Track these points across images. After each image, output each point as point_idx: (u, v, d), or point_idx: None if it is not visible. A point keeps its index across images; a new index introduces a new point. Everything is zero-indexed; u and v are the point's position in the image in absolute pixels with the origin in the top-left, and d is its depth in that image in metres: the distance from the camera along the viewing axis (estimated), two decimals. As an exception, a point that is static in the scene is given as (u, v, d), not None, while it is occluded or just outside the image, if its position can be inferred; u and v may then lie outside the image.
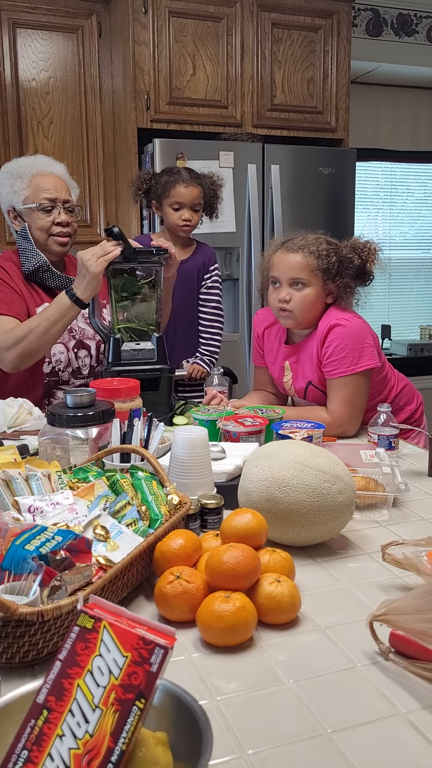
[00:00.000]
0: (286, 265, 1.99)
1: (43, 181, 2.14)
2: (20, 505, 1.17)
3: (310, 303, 1.99)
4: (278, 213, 3.60)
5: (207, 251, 2.72)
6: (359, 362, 1.94)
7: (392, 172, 5.30)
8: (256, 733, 0.80)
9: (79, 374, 2.24)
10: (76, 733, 0.64)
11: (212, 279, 2.70)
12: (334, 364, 1.95)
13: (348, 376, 1.94)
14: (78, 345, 2.24)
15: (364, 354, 1.95)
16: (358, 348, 1.94)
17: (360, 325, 1.98)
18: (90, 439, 1.42)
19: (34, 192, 2.13)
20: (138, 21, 3.34)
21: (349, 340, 1.94)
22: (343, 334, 1.95)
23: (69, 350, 2.21)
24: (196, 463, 1.36)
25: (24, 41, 3.51)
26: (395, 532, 1.36)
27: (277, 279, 2.02)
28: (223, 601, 0.97)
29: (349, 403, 1.95)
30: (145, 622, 0.70)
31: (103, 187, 3.77)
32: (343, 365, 1.94)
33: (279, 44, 3.64)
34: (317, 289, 1.99)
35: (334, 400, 1.96)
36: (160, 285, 2.05)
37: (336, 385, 1.97)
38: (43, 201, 2.12)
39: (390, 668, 0.91)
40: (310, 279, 1.98)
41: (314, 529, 1.23)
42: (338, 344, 1.95)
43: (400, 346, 4.98)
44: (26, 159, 2.23)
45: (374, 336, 2.03)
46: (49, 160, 2.24)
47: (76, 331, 2.24)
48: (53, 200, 2.13)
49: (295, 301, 1.98)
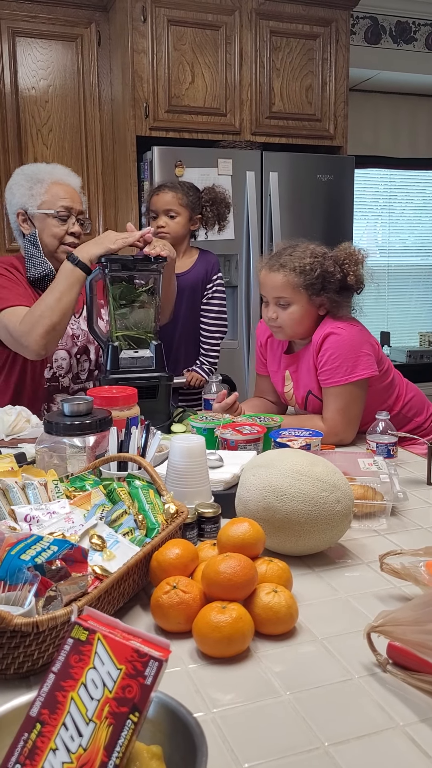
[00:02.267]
0: (270, 285, 1.99)
1: (61, 189, 2.14)
2: (16, 514, 1.16)
3: (297, 319, 1.99)
4: (277, 220, 3.60)
5: (209, 260, 2.68)
6: (354, 371, 1.93)
7: (391, 179, 5.31)
8: (252, 746, 0.79)
9: (78, 379, 2.24)
10: (69, 747, 0.63)
11: (214, 289, 2.66)
12: (329, 373, 1.95)
13: (342, 386, 1.94)
14: (81, 350, 2.24)
15: (360, 363, 1.94)
16: (353, 357, 1.94)
17: (355, 333, 1.97)
18: (87, 447, 1.41)
19: (52, 198, 2.12)
20: (137, 29, 3.36)
21: (344, 349, 1.94)
22: (337, 343, 1.94)
23: (71, 356, 2.21)
24: (193, 472, 1.36)
25: (23, 50, 3.53)
26: (393, 541, 1.35)
27: (264, 297, 2.04)
28: (219, 611, 0.97)
29: (343, 412, 1.95)
30: (140, 634, 0.69)
31: (102, 195, 3.78)
32: (337, 374, 1.94)
33: (278, 52, 3.65)
34: (302, 305, 1.98)
35: (329, 410, 1.96)
36: (158, 293, 2.05)
37: (331, 394, 1.96)
38: (61, 209, 2.12)
39: (388, 680, 0.91)
40: (293, 296, 1.97)
41: (312, 539, 1.23)
42: (332, 353, 1.94)
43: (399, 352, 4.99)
44: (46, 165, 2.21)
45: (374, 344, 2.01)
46: (68, 171, 2.23)
47: (78, 337, 2.23)
48: (69, 209, 2.13)
49: (282, 318, 2.00)
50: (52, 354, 2.15)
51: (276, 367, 2.18)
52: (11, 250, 3.65)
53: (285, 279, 1.97)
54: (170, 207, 2.49)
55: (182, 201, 2.51)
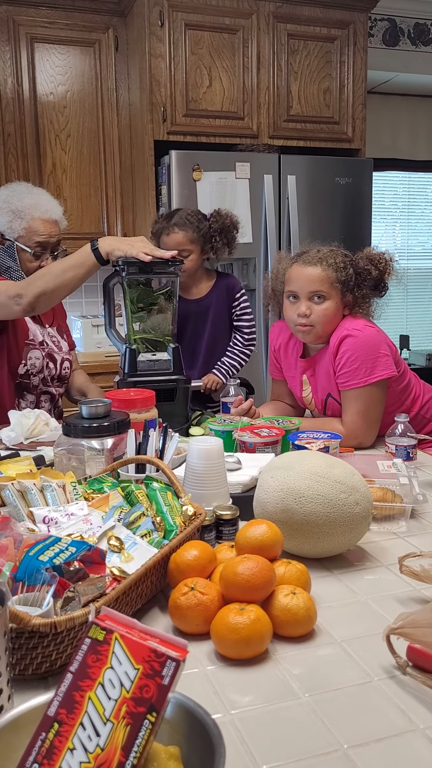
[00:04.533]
0: (305, 279, 1.96)
1: (40, 225, 2.20)
2: (35, 515, 1.17)
3: (330, 316, 1.97)
4: (295, 223, 3.60)
5: (228, 283, 2.66)
6: (373, 372, 1.92)
7: (410, 181, 5.28)
8: (271, 749, 0.79)
9: (46, 382, 2.29)
10: (87, 747, 0.63)
11: (240, 307, 2.66)
12: (348, 376, 1.94)
13: (361, 388, 1.92)
14: (47, 356, 2.29)
15: (379, 364, 1.92)
16: (372, 358, 1.92)
17: (373, 334, 1.96)
18: (105, 449, 1.41)
19: (29, 235, 2.19)
20: (154, 34, 3.37)
21: (362, 350, 1.92)
22: (355, 344, 1.93)
23: (43, 358, 2.27)
24: (211, 474, 1.35)
25: (42, 56, 3.55)
26: (413, 543, 1.34)
27: (295, 293, 1.99)
28: (237, 613, 0.96)
29: (363, 414, 1.93)
30: (157, 634, 0.69)
31: (120, 199, 3.80)
32: (356, 376, 1.92)
33: (295, 55, 3.65)
34: (336, 302, 1.97)
35: (349, 412, 1.94)
36: (175, 295, 2.06)
37: (350, 396, 1.95)
38: (36, 247, 2.20)
39: (408, 682, 0.90)
40: (330, 292, 1.96)
41: (330, 541, 1.22)
42: (351, 355, 1.93)
43: (418, 356, 4.95)
44: (30, 197, 2.23)
45: (391, 344, 2.00)
46: (50, 202, 2.27)
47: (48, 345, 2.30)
48: (45, 247, 2.21)
49: (316, 314, 1.96)
50: (27, 352, 2.22)
51: (293, 373, 2.17)
52: None
53: (324, 273, 1.95)
54: (182, 247, 2.47)
55: (193, 238, 2.50)
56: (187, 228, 2.49)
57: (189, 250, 2.49)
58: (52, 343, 2.32)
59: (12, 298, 2.00)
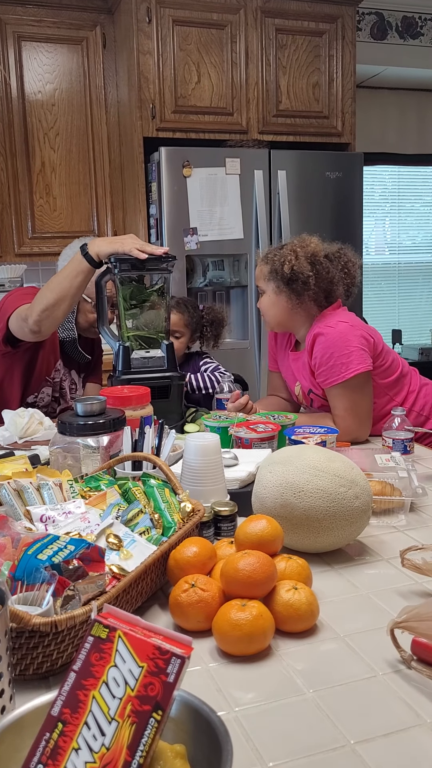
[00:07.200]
0: (256, 276, 2.14)
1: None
2: (32, 514, 1.15)
3: (265, 307, 2.08)
4: (285, 219, 3.59)
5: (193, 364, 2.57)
6: (348, 368, 1.91)
7: (400, 175, 5.28)
8: (277, 745, 0.78)
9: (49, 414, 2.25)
10: (92, 746, 0.62)
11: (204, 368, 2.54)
12: (325, 374, 1.95)
13: (341, 385, 1.92)
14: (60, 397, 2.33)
15: (353, 359, 1.91)
16: (345, 354, 1.92)
17: (344, 330, 1.95)
18: (101, 447, 1.40)
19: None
20: (142, 31, 3.35)
21: (334, 347, 1.92)
22: (326, 342, 1.94)
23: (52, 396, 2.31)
24: (208, 470, 1.34)
25: (29, 54, 3.53)
26: (413, 537, 1.33)
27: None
28: (239, 609, 0.95)
29: (351, 410, 1.93)
30: (161, 631, 0.68)
31: (110, 197, 3.78)
32: (333, 374, 1.93)
33: (283, 50, 3.64)
34: (269, 295, 2.06)
35: (337, 409, 1.94)
36: (168, 292, 2.04)
37: (333, 394, 1.95)
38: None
39: (413, 676, 0.89)
40: (264, 286, 2.07)
41: (331, 535, 1.21)
42: (323, 353, 1.94)
43: (411, 350, 4.95)
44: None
45: (368, 337, 1.97)
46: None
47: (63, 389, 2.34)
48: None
49: (260, 306, 2.11)
50: (41, 386, 2.26)
51: (285, 364, 2.18)
52: (20, 255, 3.65)
53: (259, 270, 2.09)
54: (176, 328, 2.47)
55: (187, 322, 2.50)
56: (183, 311, 2.50)
57: (181, 333, 2.50)
58: (68, 388, 2.35)
59: (23, 320, 2.01)
